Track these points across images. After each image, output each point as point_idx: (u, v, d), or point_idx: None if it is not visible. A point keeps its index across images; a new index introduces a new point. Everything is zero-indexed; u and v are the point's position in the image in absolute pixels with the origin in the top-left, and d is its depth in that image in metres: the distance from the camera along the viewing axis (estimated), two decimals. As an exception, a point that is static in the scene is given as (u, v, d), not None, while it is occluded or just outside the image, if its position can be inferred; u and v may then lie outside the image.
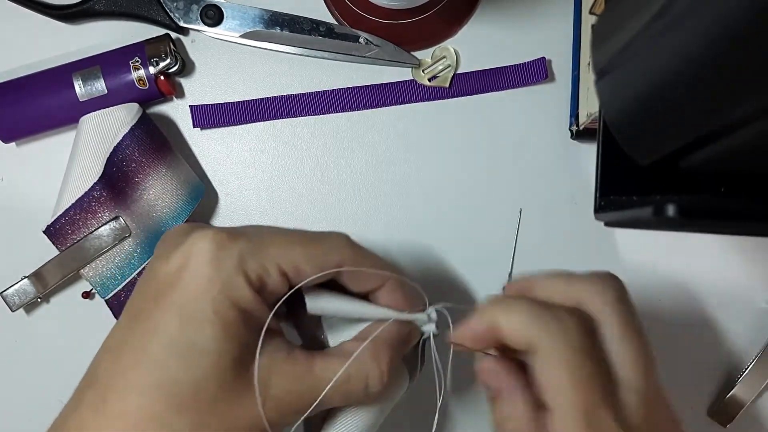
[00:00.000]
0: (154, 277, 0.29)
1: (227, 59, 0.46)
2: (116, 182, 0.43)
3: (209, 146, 0.46)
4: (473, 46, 0.46)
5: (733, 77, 0.21)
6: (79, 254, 0.43)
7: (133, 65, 0.44)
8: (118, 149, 0.43)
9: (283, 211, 0.46)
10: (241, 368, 0.28)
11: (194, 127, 0.46)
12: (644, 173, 0.31)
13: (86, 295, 0.45)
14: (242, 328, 0.28)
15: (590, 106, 0.41)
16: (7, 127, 0.44)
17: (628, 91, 0.26)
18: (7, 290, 0.44)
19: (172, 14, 0.45)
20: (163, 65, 0.44)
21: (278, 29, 0.45)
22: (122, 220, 0.43)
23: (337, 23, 0.46)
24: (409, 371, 0.35)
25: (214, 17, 0.45)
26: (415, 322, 0.33)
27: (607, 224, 0.43)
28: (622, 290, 0.30)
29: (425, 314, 0.33)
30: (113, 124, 0.43)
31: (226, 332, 0.28)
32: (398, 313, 0.32)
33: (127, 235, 0.43)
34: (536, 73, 0.45)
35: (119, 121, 0.43)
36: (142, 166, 0.43)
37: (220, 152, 0.46)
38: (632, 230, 0.44)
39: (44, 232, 0.43)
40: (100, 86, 0.44)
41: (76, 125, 0.44)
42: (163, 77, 0.44)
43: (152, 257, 0.31)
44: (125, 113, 0.43)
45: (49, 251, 0.43)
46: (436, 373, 0.33)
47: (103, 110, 0.43)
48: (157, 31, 0.45)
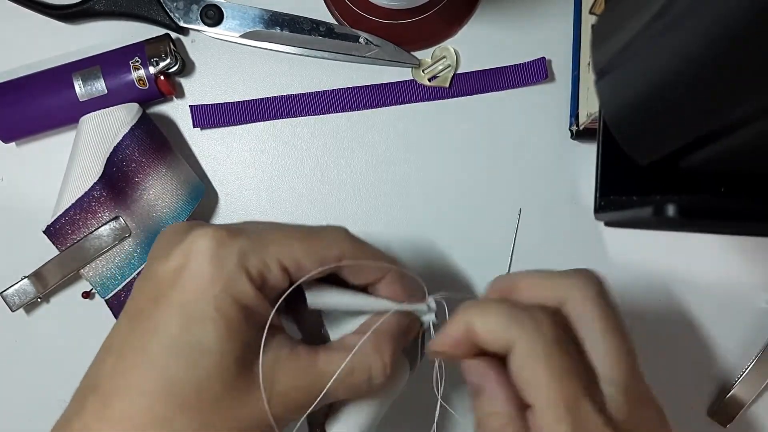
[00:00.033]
0: (153, 276, 0.29)
1: (227, 59, 0.46)
2: (116, 182, 0.43)
3: (209, 146, 0.46)
4: (473, 46, 0.46)
5: (733, 77, 0.21)
6: (79, 254, 0.43)
7: (133, 65, 0.44)
8: (118, 149, 0.43)
9: (283, 211, 0.46)
10: (244, 366, 0.28)
11: (194, 127, 0.46)
12: (644, 173, 0.31)
13: (86, 295, 0.45)
14: (244, 325, 0.28)
15: (590, 106, 0.41)
16: (7, 127, 0.44)
17: (628, 91, 0.26)
18: (7, 290, 0.44)
19: (172, 14, 0.45)
20: (163, 65, 0.44)
21: (278, 29, 0.45)
22: (122, 220, 0.43)
23: (337, 23, 0.46)
24: (409, 362, 0.35)
25: (214, 17, 0.45)
26: (414, 312, 0.33)
27: (607, 224, 0.43)
28: (601, 286, 0.30)
29: (425, 305, 0.33)
30: (113, 124, 0.43)
31: (228, 330, 0.28)
32: (398, 304, 0.32)
33: (127, 235, 0.43)
34: (536, 73, 0.45)
35: (119, 121, 0.43)
36: (142, 166, 0.43)
37: (220, 152, 0.46)
38: (632, 230, 0.44)
39: (44, 232, 0.43)
40: (100, 86, 0.44)
41: (76, 125, 0.44)
42: (163, 77, 0.44)
43: (149, 257, 0.30)
44: (125, 113, 0.43)
45: (49, 251, 0.43)
46: (436, 363, 0.33)
47: (103, 110, 0.43)
48: (157, 31, 0.45)
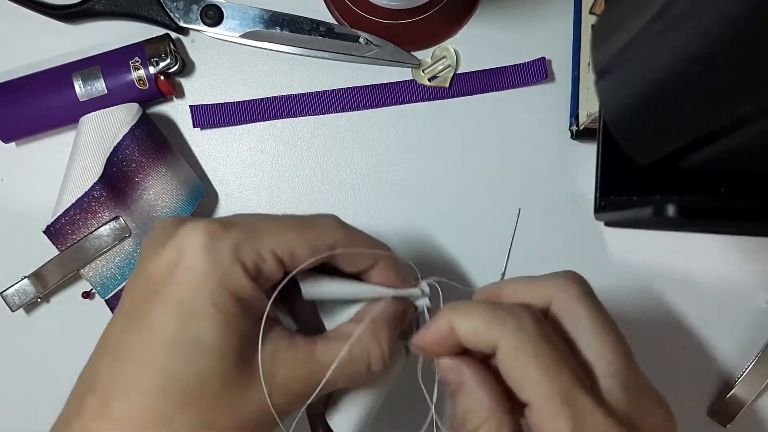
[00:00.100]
0: (145, 274, 0.28)
1: (227, 59, 0.46)
2: (116, 182, 0.43)
3: (209, 146, 0.46)
4: (473, 46, 0.46)
5: (733, 77, 0.21)
6: (79, 254, 0.43)
7: (133, 65, 0.44)
8: (118, 149, 0.43)
9: (283, 211, 0.46)
10: (243, 360, 0.28)
11: (194, 127, 0.46)
12: (644, 173, 0.31)
13: (86, 295, 0.45)
14: (241, 318, 0.28)
15: (590, 106, 0.41)
16: (7, 127, 0.44)
17: (628, 91, 0.26)
18: (7, 290, 0.44)
19: (172, 14, 0.45)
20: (163, 65, 0.44)
21: (278, 29, 0.45)
22: (122, 220, 0.43)
23: (337, 23, 0.46)
24: (405, 346, 0.35)
25: (214, 17, 0.45)
26: (408, 297, 0.33)
27: (607, 224, 0.43)
28: (586, 285, 0.30)
29: (418, 289, 0.33)
30: (113, 124, 0.43)
31: (226, 325, 0.27)
32: (393, 290, 0.32)
33: (127, 235, 0.43)
34: (536, 73, 0.45)
35: (119, 121, 0.43)
36: (142, 166, 0.43)
37: (220, 152, 0.46)
38: (632, 230, 0.44)
39: (44, 232, 0.43)
40: (100, 86, 0.44)
41: (76, 125, 0.44)
42: (163, 77, 0.44)
43: (141, 254, 0.30)
44: (125, 113, 0.43)
45: (49, 251, 0.43)
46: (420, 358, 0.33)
47: (103, 110, 0.43)
48: (157, 31, 0.45)
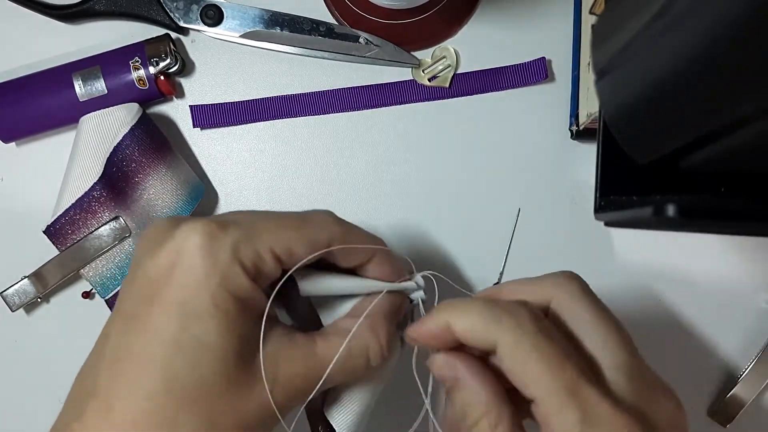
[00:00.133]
0: (144, 275, 0.28)
1: (227, 59, 0.46)
2: (116, 182, 0.43)
3: (209, 146, 0.46)
4: (473, 46, 0.46)
5: (733, 77, 0.21)
6: (79, 254, 0.43)
7: (133, 65, 0.44)
8: (118, 149, 0.43)
9: (282, 210, 0.46)
10: (245, 359, 0.28)
11: (194, 127, 0.46)
12: (644, 173, 0.31)
13: (86, 295, 0.45)
14: (242, 318, 0.28)
15: (590, 106, 0.41)
16: (7, 127, 0.44)
17: (628, 91, 0.26)
18: (7, 290, 0.44)
19: (172, 14, 0.45)
20: (163, 65, 0.44)
21: (278, 29, 0.45)
22: (122, 220, 0.43)
23: (337, 23, 0.46)
24: (400, 337, 0.35)
25: (214, 17, 0.45)
26: (404, 290, 0.34)
27: (607, 224, 0.43)
28: (584, 283, 0.30)
29: (413, 282, 0.34)
30: (113, 124, 0.43)
31: (227, 325, 0.27)
32: (389, 284, 0.33)
33: (127, 235, 0.43)
34: (536, 73, 0.45)
35: (119, 121, 0.43)
36: (142, 166, 0.43)
37: (220, 152, 0.46)
38: (632, 230, 0.44)
39: (44, 232, 0.43)
40: (100, 86, 0.44)
41: (76, 125, 0.44)
42: (163, 77, 0.44)
43: (136, 254, 0.29)
44: (125, 113, 0.43)
45: (49, 251, 0.43)
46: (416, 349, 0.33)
47: (103, 110, 0.43)
48: (157, 31, 0.45)
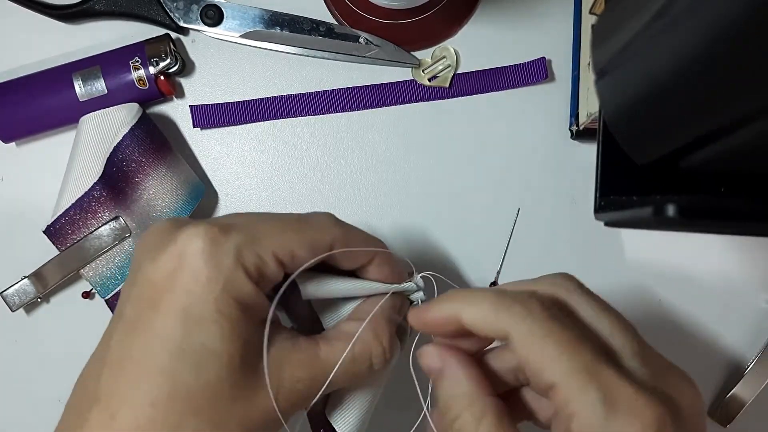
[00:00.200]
0: (145, 279, 0.28)
1: (227, 59, 0.46)
2: (116, 182, 0.43)
3: (209, 146, 0.46)
4: (473, 46, 0.46)
5: (733, 77, 0.21)
6: (79, 254, 0.43)
7: (133, 65, 0.44)
8: (118, 149, 0.43)
9: (282, 211, 0.46)
10: (249, 364, 0.28)
11: (194, 127, 0.46)
12: (644, 173, 0.31)
13: (86, 295, 0.45)
14: (245, 323, 0.28)
15: (590, 106, 0.41)
16: (7, 127, 0.44)
17: (628, 91, 0.26)
18: (7, 290, 0.44)
19: (172, 14, 0.45)
20: (163, 65, 0.44)
21: (278, 29, 0.45)
22: (122, 220, 0.43)
23: (337, 23, 0.46)
24: (399, 337, 0.35)
25: (214, 17, 0.45)
26: (404, 291, 0.34)
27: (607, 224, 0.43)
28: (580, 282, 0.30)
29: (413, 283, 0.34)
30: (113, 124, 0.43)
31: (231, 330, 0.27)
32: (389, 285, 0.33)
33: (127, 235, 0.43)
34: (536, 73, 0.45)
35: (119, 121, 0.43)
36: (142, 166, 0.43)
37: (220, 152, 0.46)
38: (632, 230, 0.44)
39: (44, 232, 0.43)
40: (100, 86, 0.44)
41: (76, 125, 0.44)
42: (163, 77, 0.44)
43: (137, 257, 0.29)
44: (125, 113, 0.43)
45: (49, 251, 0.43)
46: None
47: (103, 110, 0.43)
48: (157, 31, 0.45)
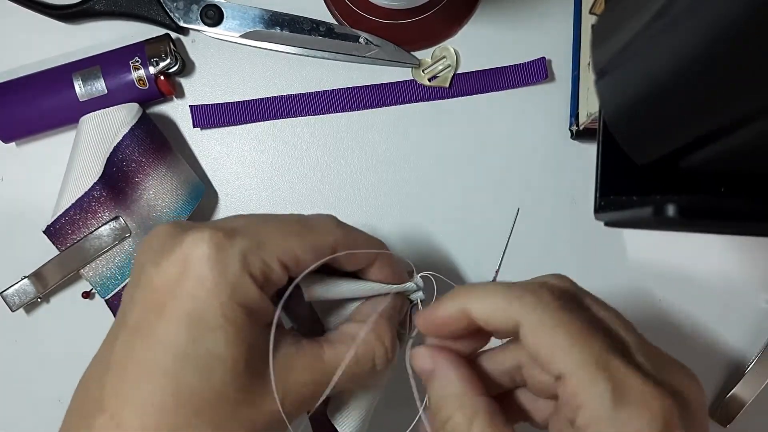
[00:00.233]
0: (149, 285, 0.28)
1: (227, 59, 0.46)
2: (116, 182, 0.43)
3: (209, 146, 0.46)
4: (473, 46, 0.46)
5: (733, 77, 0.21)
6: (79, 254, 0.43)
7: (133, 65, 0.44)
8: (118, 149, 0.43)
9: (282, 211, 0.46)
10: (254, 368, 0.28)
11: (194, 127, 0.46)
12: (644, 173, 0.31)
13: (86, 295, 0.45)
14: (250, 327, 0.28)
15: (590, 106, 0.41)
16: (7, 127, 0.44)
17: (628, 91, 0.26)
18: (7, 290, 0.44)
19: (172, 14, 0.45)
20: (163, 65, 0.44)
21: (278, 29, 0.45)
22: (122, 220, 0.43)
23: (337, 23, 0.46)
24: (399, 336, 0.36)
25: (214, 17, 0.45)
26: (404, 291, 0.34)
27: (607, 224, 0.43)
28: (573, 282, 0.30)
29: (413, 283, 0.34)
30: (113, 124, 0.43)
31: (238, 335, 0.27)
32: (390, 286, 0.33)
33: (127, 235, 0.43)
34: (536, 73, 0.45)
35: (119, 121, 0.43)
36: (142, 166, 0.43)
37: (220, 152, 0.46)
38: (632, 230, 0.44)
39: (44, 232, 0.43)
40: (100, 86, 0.44)
41: (76, 125, 0.44)
42: (163, 77, 0.44)
43: (139, 261, 0.29)
44: (125, 113, 0.43)
45: (49, 251, 0.43)
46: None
47: (103, 110, 0.43)
48: (157, 31, 0.45)
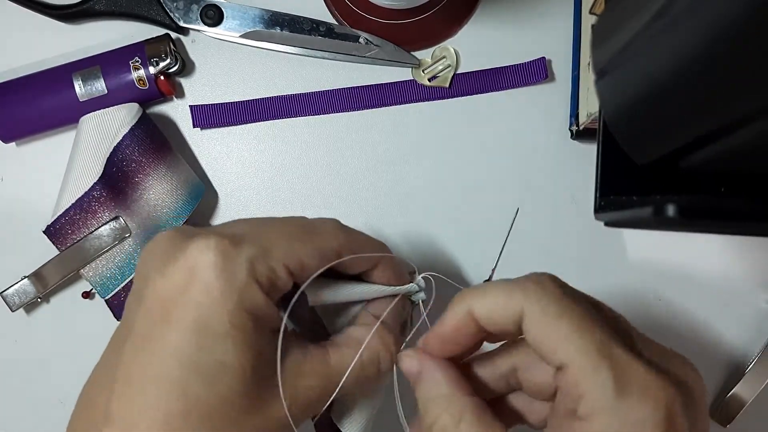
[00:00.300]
0: (154, 293, 0.27)
1: (227, 59, 0.46)
2: (116, 182, 0.43)
3: (209, 146, 0.46)
4: (473, 46, 0.46)
5: (733, 77, 0.21)
6: (79, 254, 0.43)
7: (133, 65, 0.44)
8: (118, 149, 0.43)
9: (283, 211, 0.46)
10: (262, 375, 0.28)
11: (194, 127, 0.46)
12: (644, 173, 0.31)
13: (86, 295, 0.45)
14: (258, 334, 0.28)
15: (590, 106, 0.41)
16: (7, 127, 0.44)
17: (628, 91, 0.26)
18: (7, 290, 0.44)
19: (172, 14, 0.45)
20: (163, 65, 0.44)
21: (278, 29, 0.45)
22: (122, 220, 0.43)
23: (337, 23, 0.46)
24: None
25: (214, 17, 0.45)
26: (406, 293, 0.35)
27: (607, 224, 0.43)
28: (561, 281, 0.30)
29: (415, 284, 0.35)
30: (113, 124, 0.43)
31: (245, 343, 0.27)
32: (393, 288, 0.33)
33: (127, 235, 0.43)
34: (536, 73, 0.45)
35: (119, 121, 0.43)
36: (142, 166, 0.43)
37: (220, 152, 0.46)
38: (632, 231, 0.44)
39: (44, 232, 0.43)
40: (100, 86, 0.44)
41: (76, 125, 0.44)
42: (163, 77, 0.44)
43: (143, 268, 0.28)
44: (125, 113, 0.43)
45: (49, 251, 0.43)
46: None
47: (103, 110, 0.43)
48: (157, 31, 0.45)
